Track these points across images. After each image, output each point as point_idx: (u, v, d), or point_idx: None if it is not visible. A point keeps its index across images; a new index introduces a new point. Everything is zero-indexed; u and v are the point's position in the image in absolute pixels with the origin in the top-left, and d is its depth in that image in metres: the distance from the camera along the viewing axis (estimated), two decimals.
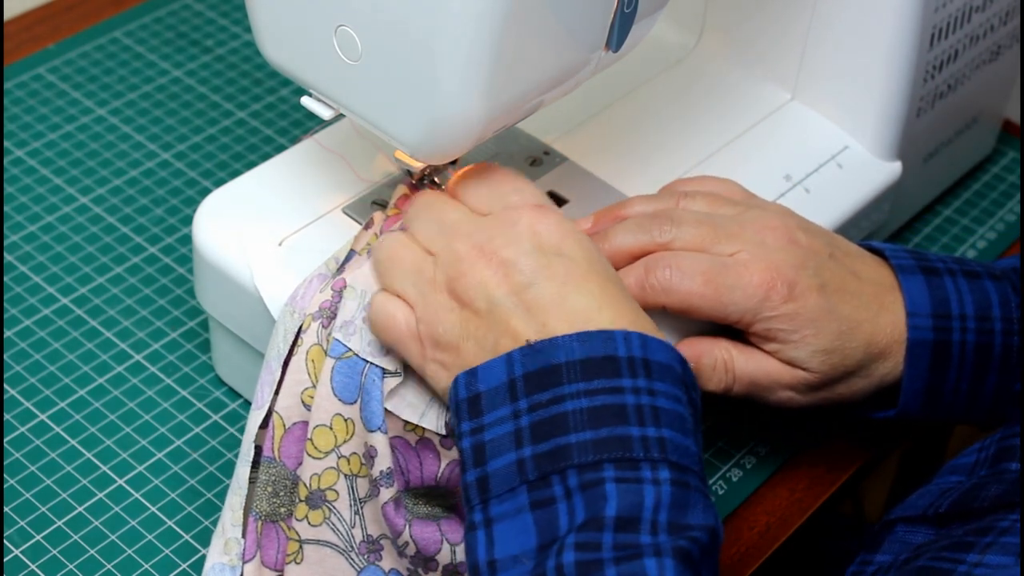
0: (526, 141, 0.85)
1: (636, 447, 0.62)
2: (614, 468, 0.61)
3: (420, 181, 0.78)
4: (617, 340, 0.64)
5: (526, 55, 0.68)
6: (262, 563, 0.73)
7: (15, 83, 1.04)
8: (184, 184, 0.98)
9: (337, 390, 0.70)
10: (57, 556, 0.77)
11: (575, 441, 0.62)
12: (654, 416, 0.63)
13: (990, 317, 0.76)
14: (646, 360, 0.64)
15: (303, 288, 0.74)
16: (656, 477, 0.61)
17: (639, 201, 0.78)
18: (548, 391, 0.63)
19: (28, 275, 0.91)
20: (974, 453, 0.74)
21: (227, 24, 1.11)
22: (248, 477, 0.73)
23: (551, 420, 0.63)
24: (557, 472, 0.62)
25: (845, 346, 0.74)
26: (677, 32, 0.95)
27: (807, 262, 0.74)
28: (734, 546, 0.80)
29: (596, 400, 0.62)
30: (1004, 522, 0.64)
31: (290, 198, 0.80)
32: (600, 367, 0.63)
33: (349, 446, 0.71)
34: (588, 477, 0.61)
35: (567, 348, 0.63)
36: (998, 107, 1.02)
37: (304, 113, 1.03)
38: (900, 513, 0.73)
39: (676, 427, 0.63)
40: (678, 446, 0.62)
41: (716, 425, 0.86)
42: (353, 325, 0.71)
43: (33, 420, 0.83)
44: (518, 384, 0.64)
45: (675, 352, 0.65)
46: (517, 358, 0.64)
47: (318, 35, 0.69)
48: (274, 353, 0.73)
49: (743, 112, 0.91)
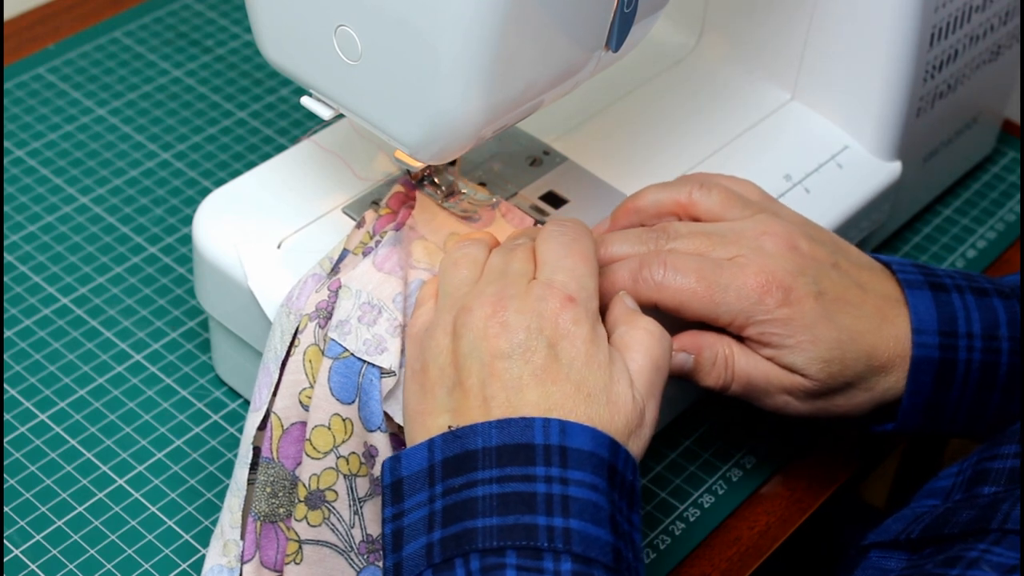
0: (526, 141, 0.85)
1: (541, 536, 0.61)
2: (516, 555, 0.61)
3: (420, 181, 0.78)
4: (535, 428, 0.63)
5: (526, 55, 0.68)
6: (261, 564, 0.73)
7: (15, 83, 1.04)
8: (184, 184, 0.98)
9: (335, 390, 0.70)
10: (57, 556, 0.77)
11: (481, 526, 0.61)
12: (563, 506, 0.62)
13: (998, 336, 0.76)
14: (563, 448, 0.63)
15: (298, 289, 0.74)
16: (557, 569, 0.61)
17: (654, 189, 0.77)
18: (463, 476, 0.63)
19: (28, 275, 0.91)
20: (951, 477, 0.73)
21: (227, 24, 1.11)
22: (247, 479, 0.73)
23: (462, 504, 0.62)
24: (460, 555, 0.61)
25: (845, 356, 0.73)
26: (677, 32, 0.95)
27: (806, 269, 0.74)
28: (734, 546, 0.80)
29: (507, 487, 0.62)
30: (973, 552, 0.64)
31: (290, 198, 0.80)
32: (514, 454, 0.63)
33: (348, 446, 0.71)
34: (490, 561, 0.61)
35: (485, 434, 0.63)
36: (998, 107, 1.02)
37: (304, 113, 1.03)
38: (875, 538, 0.73)
39: (587, 517, 0.62)
40: (585, 537, 0.61)
41: (716, 425, 0.86)
42: (349, 325, 0.71)
43: (33, 420, 0.83)
44: (436, 469, 0.64)
45: (603, 438, 0.64)
46: (438, 444, 0.64)
47: (318, 35, 0.69)
48: (271, 355, 0.73)
49: (743, 112, 0.91)
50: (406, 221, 0.77)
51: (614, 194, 0.83)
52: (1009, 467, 0.69)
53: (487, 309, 0.66)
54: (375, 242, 0.75)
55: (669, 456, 0.84)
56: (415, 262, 0.74)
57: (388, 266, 0.73)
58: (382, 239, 0.75)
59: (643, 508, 0.81)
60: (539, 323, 0.66)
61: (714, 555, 0.80)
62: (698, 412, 0.86)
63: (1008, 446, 0.70)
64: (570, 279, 0.68)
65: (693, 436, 0.85)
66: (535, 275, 0.69)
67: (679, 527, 0.81)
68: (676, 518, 0.81)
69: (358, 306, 0.71)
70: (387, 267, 0.73)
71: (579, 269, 0.68)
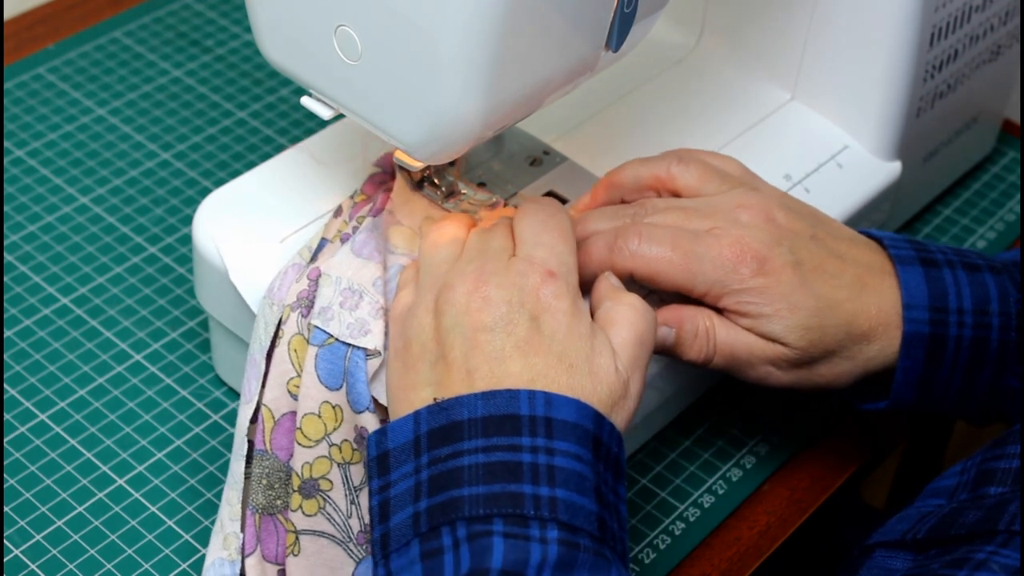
0: (526, 141, 0.85)
1: (527, 504, 0.62)
2: (503, 523, 0.61)
3: (420, 181, 0.78)
4: (521, 399, 0.64)
5: (526, 55, 0.68)
6: (263, 557, 0.74)
7: (15, 83, 1.04)
8: (184, 184, 0.98)
9: (322, 377, 0.71)
10: (57, 556, 0.77)
11: (468, 494, 0.62)
12: (549, 475, 0.62)
13: (988, 312, 0.76)
14: (548, 419, 0.63)
15: (279, 280, 0.74)
16: (544, 536, 0.61)
17: (634, 164, 0.78)
18: (449, 446, 0.63)
19: (28, 275, 0.91)
20: (955, 476, 0.73)
21: (227, 24, 1.11)
22: (243, 472, 0.73)
23: (447, 474, 0.63)
24: (447, 523, 0.62)
25: (825, 324, 0.74)
26: (677, 32, 0.95)
27: (783, 240, 0.74)
28: (734, 546, 0.81)
29: (493, 456, 0.63)
30: (980, 554, 0.64)
31: (290, 198, 0.80)
32: (500, 425, 0.63)
33: (339, 433, 0.71)
34: (477, 528, 0.61)
35: (471, 406, 0.64)
36: (998, 107, 1.02)
37: (304, 113, 1.03)
38: (879, 538, 0.73)
39: (572, 487, 0.62)
40: (571, 506, 0.62)
41: (716, 425, 0.86)
42: (331, 311, 0.71)
43: (33, 420, 0.83)
44: (422, 440, 0.64)
45: (588, 411, 0.64)
46: (424, 416, 0.64)
47: (318, 35, 0.69)
48: (257, 346, 0.74)
49: (743, 112, 0.91)
50: (384, 206, 0.77)
51: None
52: (1015, 467, 0.69)
53: (469, 285, 0.67)
54: (352, 228, 0.76)
55: (669, 456, 0.84)
56: (393, 247, 0.74)
57: (367, 252, 0.74)
58: (359, 225, 0.76)
59: (643, 508, 0.81)
60: (520, 297, 0.66)
61: (714, 555, 0.80)
62: (698, 412, 0.86)
63: (1013, 446, 0.71)
64: (550, 255, 0.68)
65: (693, 436, 0.85)
66: (514, 252, 0.69)
67: (679, 527, 0.81)
68: (676, 518, 0.81)
69: (339, 292, 0.72)
70: (365, 252, 0.74)
71: (558, 246, 0.69)
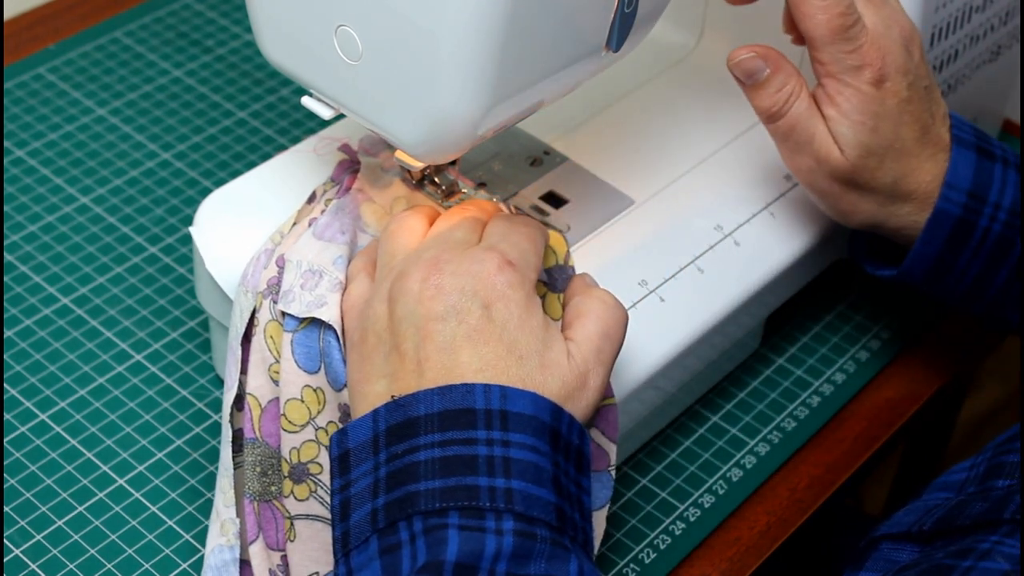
0: (526, 141, 0.85)
1: (483, 496, 0.62)
2: (459, 516, 0.61)
3: (420, 181, 0.78)
4: (476, 393, 0.63)
5: (526, 55, 0.68)
6: (266, 545, 0.74)
7: (15, 83, 1.04)
8: (184, 184, 0.98)
9: (300, 362, 0.71)
10: (57, 556, 0.77)
11: (424, 488, 0.62)
12: (505, 467, 0.62)
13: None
14: (504, 412, 0.63)
15: (252, 266, 0.75)
16: (499, 527, 0.61)
17: None
18: (405, 442, 0.63)
19: (28, 275, 0.91)
20: (964, 471, 0.74)
21: (227, 24, 1.11)
22: (232, 459, 0.73)
23: (404, 469, 0.63)
24: (404, 518, 0.62)
25: (885, 159, 0.76)
26: (677, 32, 0.95)
27: (908, 72, 0.76)
28: (734, 546, 0.80)
29: (449, 451, 0.63)
30: (985, 544, 0.64)
31: (290, 198, 0.80)
32: (456, 419, 0.63)
33: (324, 416, 0.71)
34: (433, 522, 0.61)
35: (427, 401, 0.64)
36: (998, 107, 1.02)
37: (304, 113, 1.03)
38: (886, 530, 0.73)
39: (529, 478, 0.62)
40: (527, 497, 0.62)
41: (716, 426, 0.86)
42: (292, 293, 0.72)
43: (33, 420, 0.83)
44: (381, 438, 0.64)
45: (545, 403, 0.64)
46: (382, 413, 0.64)
47: (318, 35, 0.69)
48: (233, 333, 0.74)
49: (743, 112, 0.90)
50: (351, 186, 0.77)
51: (614, 194, 0.83)
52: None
53: (422, 272, 0.66)
54: (320, 212, 0.76)
55: (669, 456, 0.84)
56: (364, 226, 0.75)
57: (329, 234, 0.74)
58: (327, 207, 0.76)
59: (643, 508, 0.81)
60: (473, 285, 0.66)
61: (714, 555, 0.80)
62: (698, 412, 0.86)
63: None
64: (511, 248, 0.68)
65: (693, 436, 0.85)
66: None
67: (679, 527, 0.81)
68: (676, 518, 0.81)
69: (300, 275, 0.72)
70: (327, 235, 0.74)
71: (523, 244, 0.68)
